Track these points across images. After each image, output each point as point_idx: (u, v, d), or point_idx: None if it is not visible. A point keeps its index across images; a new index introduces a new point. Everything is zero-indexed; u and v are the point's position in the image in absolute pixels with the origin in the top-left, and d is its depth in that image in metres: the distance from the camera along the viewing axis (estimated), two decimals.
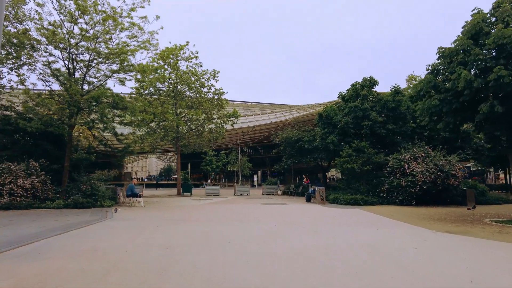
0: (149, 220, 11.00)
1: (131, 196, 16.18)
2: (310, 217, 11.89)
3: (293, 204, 17.55)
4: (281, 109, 50.47)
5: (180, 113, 29.27)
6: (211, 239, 7.53)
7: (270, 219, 11.38)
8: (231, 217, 11.91)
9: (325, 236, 8.07)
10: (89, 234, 8.04)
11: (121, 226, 9.36)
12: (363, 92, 20.74)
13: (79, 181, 15.97)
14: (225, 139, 55.71)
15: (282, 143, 27.35)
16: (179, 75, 27.11)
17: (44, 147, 17.68)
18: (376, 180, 19.42)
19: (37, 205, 14.07)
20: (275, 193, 27.79)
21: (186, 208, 15.72)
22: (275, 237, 7.84)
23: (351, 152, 18.87)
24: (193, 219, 11.33)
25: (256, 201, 20.18)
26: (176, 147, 28.99)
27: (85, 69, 17.65)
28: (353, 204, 16.98)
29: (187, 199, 22.02)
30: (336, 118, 20.50)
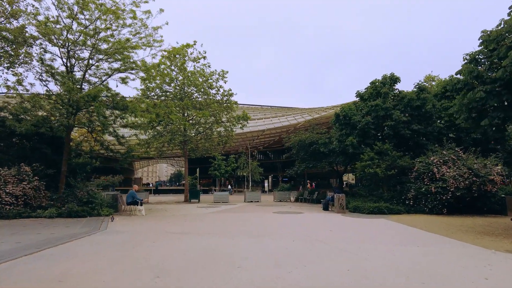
0: (146, 233, 9.53)
1: (132, 204, 14.79)
2: (332, 230, 10.24)
3: (309, 213, 15.87)
4: (292, 112, 48.86)
5: (187, 115, 28.00)
6: (216, 262, 5.98)
7: (286, 232, 9.77)
8: (240, 230, 10.35)
9: (358, 258, 6.43)
10: (68, 254, 6.59)
11: (111, 242, 7.89)
12: (384, 90, 19.01)
13: (75, 188, 14.68)
14: (234, 143, 54.37)
15: (294, 146, 25.75)
16: (186, 76, 25.83)
17: (42, 150, 16.50)
18: (400, 186, 17.62)
19: (27, 214, 12.77)
20: (287, 199, 26.11)
21: (191, 217, 14.23)
22: (295, 259, 6.25)
23: (373, 155, 17.14)
24: (196, 232, 9.81)
25: (268, 209, 18.57)
26: (183, 151, 27.65)
27: (84, 67, 16.50)
28: (376, 213, 15.23)
29: (193, 206, 20.55)
30: (355, 118, 18.81)
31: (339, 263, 6.02)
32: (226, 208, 18.95)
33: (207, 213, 16.23)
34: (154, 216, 14.42)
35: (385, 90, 19.05)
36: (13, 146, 16.45)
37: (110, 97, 15.32)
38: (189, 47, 26.95)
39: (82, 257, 6.28)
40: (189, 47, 27.04)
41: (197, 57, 27.40)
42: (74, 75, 15.82)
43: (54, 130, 14.61)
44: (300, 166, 24.60)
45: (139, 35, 16.76)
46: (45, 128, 14.33)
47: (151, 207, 20.40)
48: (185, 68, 26.57)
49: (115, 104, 15.17)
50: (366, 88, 21.05)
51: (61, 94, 14.45)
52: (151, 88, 25.94)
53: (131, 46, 15.06)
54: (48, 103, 14.93)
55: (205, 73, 27.18)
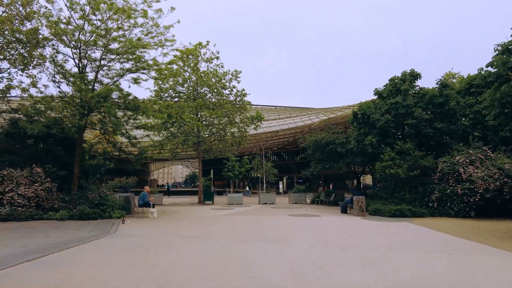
0: (156, 237, 9.11)
1: (144, 206, 14.46)
2: (353, 235, 9.56)
3: (327, 216, 15.18)
4: (307, 113, 48.02)
5: (201, 116, 27.70)
6: (227, 271, 5.46)
7: (303, 237, 9.16)
8: (254, 234, 9.80)
9: (385, 268, 5.78)
10: (72, 260, 6.20)
11: (118, 247, 7.49)
12: (404, 87, 18.12)
13: (87, 189, 14.48)
14: (248, 144, 53.88)
15: (309, 147, 25.04)
16: (199, 76, 25.52)
17: (55, 152, 16.45)
18: (423, 187, 16.71)
19: (39, 216, 12.60)
20: (303, 201, 25.39)
21: (204, 220, 13.78)
22: (315, 269, 5.65)
23: (394, 155, 16.29)
24: (209, 236, 9.32)
25: (283, 211, 17.95)
26: (197, 152, 27.35)
27: (96, 68, 16.36)
28: (398, 216, 14.40)
29: (207, 208, 20.14)
30: (373, 117, 17.98)
31: (365, 274, 5.39)
32: (240, 211, 18.44)
33: (221, 215, 15.76)
34: (167, 219, 14.05)
35: (405, 87, 18.16)
36: (27, 148, 16.45)
37: (122, 97, 15.07)
38: (202, 47, 26.66)
39: (85, 264, 5.88)
40: (202, 47, 26.76)
41: (210, 57, 27.09)
42: (86, 75, 15.68)
43: (66, 131, 14.46)
44: (316, 167, 23.86)
45: (151, 35, 16.51)
46: (56, 129, 14.20)
47: (164, 209, 20.11)
48: (198, 69, 26.29)
49: (127, 104, 14.91)
50: (384, 85, 20.19)
51: (72, 95, 14.29)
52: (164, 89, 25.76)
53: (142, 44, 14.76)
54: (60, 104, 14.79)
55: (218, 74, 26.83)
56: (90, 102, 14.19)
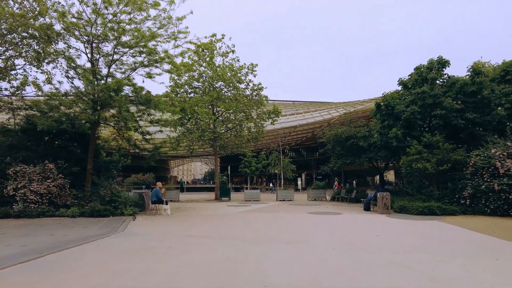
0: (164, 236, 8.55)
1: (156, 202, 14.03)
2: (379, 235, 8.68)
3: (349, 214, 14.25)
4: (326, 107, 46.70)
5: (217, 112, 27.19)
6: (236, 279, 4.77)
7: (323, 238, 8.36)
8: (270, 234, 9.08)
9: (421, 276, 4.92)
10: (68, 263, 5.68)
11: (122, 247, 6.96)
12: (431, 75, 16.82)
13: (100, 186, 14.19)
14: (265, 140, 53.16)
15: (329, 141, 24.03)
16: (215, 70, 24.95)
17: (69, 148, 16.31)
18: (452, 183, 15.49)
19: (51, 213, 12.37)
20: (322, 198, 24.44)
21: (218, 217, 13.19)
22: (339, 277, 4.88)
23: (421, 148, 15.12)
24: (220, 235, 8.69)
25: (302, 208, 17.15)
26: (213, 148, 26.88)
27: (109, 62, 16.04)
28: (427, 214, 13.31)
29: (223, 205, 19.60)
30: (398, 108, 16.81)
31: (399, 283, 4.57)
32: (257, 208, 17.77)
33: (236, 212, 15.15)
34: (179, 216, 13.55)
35: (432, 75, 16.87)
36: (42, 144, 16.37)
37: (133, 91, 14.65)
38: (217, 41, 26.08)
39: (80, 268, 5.33)
40: (218, 41, 26.18)
41: (226, 51, 26.48)
42: (98, 69, 15.38)
43: (77, 126, 14.18)
44: (336, 163, 22.81)
45: (165, 27, 16.02)
46: (66, 124, 13.93)
47: (180, 205, 19.73)
48: (214, 63, 25.72)
49: (139, 98, 14.49)
50: (409, 75, 18.92)
51: (84, 90, 14.00)
52: (180, 84, 25.39)
53: (152, 34, 14.26)
54: (69, 99, 14.55)
55: (234, 68, 26.18)
56: (101, 96, 13.86)
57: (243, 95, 26.45)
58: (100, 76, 15.53)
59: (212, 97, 22.53)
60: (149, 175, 25.85)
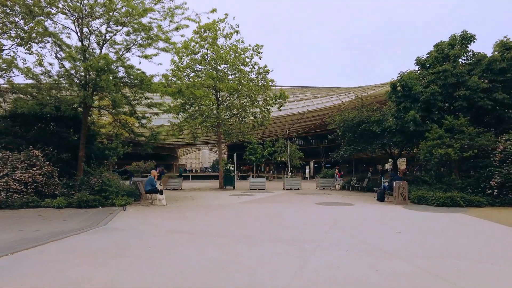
0: (149, 231, 7.40)
1: (151, 192, 12.94)
2: (400, 232, 7.39)
3: (361, 205, 12.94)
4: (336, 92, 44.91)
5: (221, 97, 25.88)
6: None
7: (334, 235, 7.10)
8: (272, 230, 7.87)
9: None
10: (13, 269, 4.56)
11: (92, 248, 5.82)
12: (454, 51, 15.14)
13: (90, 174, 13.16)
14: (272, 127, 51.73)
15: (339, 127, 22.61)
16: (217, 51, 23.50)
17: (61, 134, 15.30)
18: (475, 171, 14.02)
19: (35, 204, 11.36)
20: (332, 187, 23.14)
21: (217, 209, 12.04)
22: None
23: (442, 132, 13.63)
24: (213, 232, 7.51)
25: (309, 198, 15.91)
26: (217, 135, 25.67)
27: (101, 42, 14.80)
28: (449, 206, 11.93)
29: (226, 194, 18.50)
30: (416, 89, 15.24)
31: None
32: (261, 197, 16.60)
33: (238, 203, 13.98)
34: (175, 207, 12.44)
35: (456, 51, 15.19)
36: (33, 130, 15.37)
37: (126, 71, 13.41)
38: (220, 21, 24.56)
39: (21, 278, 4.19)
40: (221, 22, 24.66)
41: (230, 32, 24.95)
42: (90, 49, 14.16)
43: (63, 109, 13.04)
44: (347, 150, 21.39)
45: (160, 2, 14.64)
46: (49, 107, 12.80)
47: (181, 194, 18.70)
48: (217, 44, 24.24)
49: (131, 77, 13.27)
50: (428, 53, 17.23)
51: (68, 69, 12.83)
52: (181, 68, 24.06)
53: (145, 9, 12.90)
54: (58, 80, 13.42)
55: (238, 49, 24.64)
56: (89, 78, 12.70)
57: (248, 78, 25.01)
58: (92, 56, 14.33)
59: (211, 76, 21.16)
60: (150, 162, 24.83)
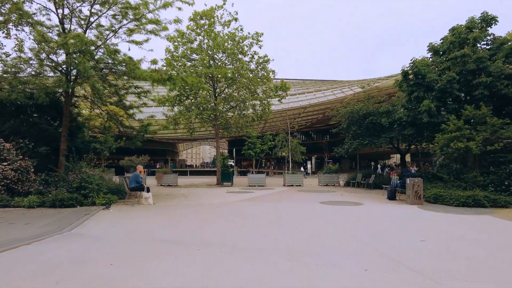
0: (120, 241, 6.08)
1: (136, 189, 11.61)
2: (426, 241, 6.05)
3: (371, 205, 11.57)
4: (339, 85, 43.42)
5: (217, 88, 24.49)
6: None
7: (347, 246, 5.76)
8: (269, 239, 6.53)
9: None
10: None
11: (39, 264, 4.51)
12: (474, 34, 13.69)
13: (70, 170, 11.85)
14: (273, 121, 50.35)
15: (344, 120, 21.23)
16: (213, 38, 22.06)
17: (41, 126, 14.02)
18: (497, 167, 12.65)
19: (4, 202, 10.05)
20: (335, 183, 21.80)
21: (209, 209, 10.71)
22: None
23: (461, 124, 12.23)
24: (199, 240, 6.19)
25: (312, 196, 14.58)
26: (214, 128, 24.29)
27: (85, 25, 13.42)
28: (471, 206, 10.57)
29: (222, 191, 17.18)
30: (430, 77, 13.82)
31: None
32: (260, 195, 15.28)
33: (233, 201, 12.66)
34: (163, 206, 11.11)
35: (476, 34, 13.73)
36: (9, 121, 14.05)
37: (107, 54, 12.02)
38: (218, 8, 23.11)
39: None
40: (219, 8, 23.21)
41: (228, 20, 23.48)
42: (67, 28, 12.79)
43: (35, 96, 11.68)
44: (352, 144, 20.01)
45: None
46: (16, 94, 11.43)
47: (174, 191, 17.39)
48: (214, 32, 22.77)
49: (114, 61, 11.90)
50: (442, 38, 15.78)
51: (40, 51, 11.46)
52: (176, 57, 22.66)
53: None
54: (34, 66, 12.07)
55: (236, 37, 23.16)
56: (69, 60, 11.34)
57: (247, 68, 23.57)
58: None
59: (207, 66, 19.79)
60: (144, 157, 23.53)
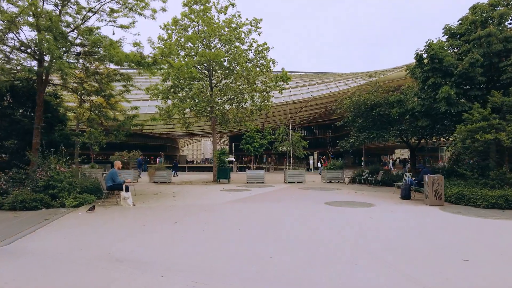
0: (60, 262, 4.59)
1: (113, 188, 10.11)
2: (468, 260, 4.52)
3: (385, 206, 10.02)
4: (342, 77, 41.73)
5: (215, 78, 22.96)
6: None
7: (366, 273, 4.25)
8: (266, 258, 5.02)
9: None
10: None
11: None
12: (500, 11, 12.05)
13: (38, 166, 10.37)
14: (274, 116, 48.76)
15: (349, 111, 19.68)
16: (207, 24, 20.46)
17: (13, 117, 12.62)
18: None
19: None
20: (340, 180, 20.27)
21: (196, 213, 9.20)
22: None
23: (487, 113, 10.65)
24: (169, 263, 4.67)
25: (316, 196, 13.06)
26: (211, 121, 22.74)
27: (61, 2, 11.84)
28: (504, 208, 9.03)
29: (217, 189, 15.69)
30: (449, 60, 12.22)
31: None
32: (257, 194, 13.77)
33: (226, 202, 11.14)
34: (142, 209, 9.57)
35: (502, 11, 12.09)
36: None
37: (80, 33, 10.49)
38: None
39: None
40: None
41: (225, 6, 21.86)
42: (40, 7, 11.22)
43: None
44: (358, 137, 18.41)
45: None
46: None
47: (164, 189, 15.87)
48: (209, 17, 21.16)
49: (86, 40, 10.37)
50: (460, 19, 14.15)
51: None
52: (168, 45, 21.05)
53: None
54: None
55: (232, 24, 21.53)
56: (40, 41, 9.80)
57: (245, 57, 21.95)
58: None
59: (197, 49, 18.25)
60: (136, 152, 22.05)
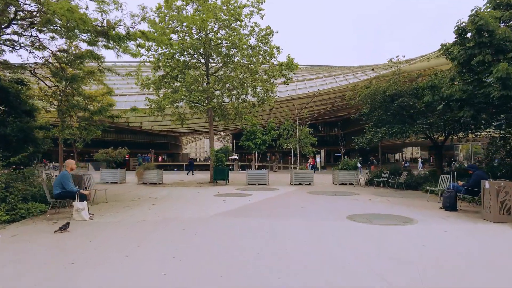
0: None
1: (62, 197, 7.56)
2: None
3: (431, 223, 7.34)
4: (351, 70, 38.95)
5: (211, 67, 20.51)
6: None
7: None
8: None
9: None
10: None
11: None
12: None
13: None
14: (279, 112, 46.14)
15: (365, 103, 17.11)
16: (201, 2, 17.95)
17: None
18: None
19: None
20: (354, 182, 17.64)
21: (168, 235, 6.60)
22: None
23: None
24: None
25: (332, 204, 10.46)
26: (207, 114, 20.23)
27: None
28: None
29: (211, 193, 13.15)
30: (504, 32, 9.55)
31: None
32: (257, 201, 11.19)
33: (216, 215, 8.52)
34: (98, 225, 7.00)
35: None
36: None
37: None
38: None
39: None
40: None
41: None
42: None
43: None
44: (377, 133, 15.73)
45: None
46: None
47: (149, 192, 13.38)
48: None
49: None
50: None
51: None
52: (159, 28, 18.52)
53: None
54: None
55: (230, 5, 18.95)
56: None
57: (246, 42, 19.35)
58: None
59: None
60: (122, 149, 19.61)
